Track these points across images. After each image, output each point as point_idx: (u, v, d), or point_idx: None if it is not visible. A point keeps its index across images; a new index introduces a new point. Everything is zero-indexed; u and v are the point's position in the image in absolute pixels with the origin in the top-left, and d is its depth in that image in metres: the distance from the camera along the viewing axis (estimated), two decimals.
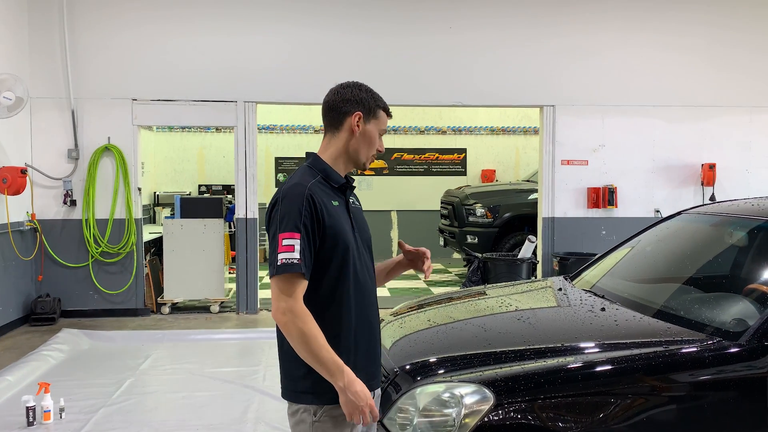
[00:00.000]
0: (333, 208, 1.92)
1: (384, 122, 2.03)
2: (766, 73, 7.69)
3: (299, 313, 1.80)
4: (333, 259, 1.89)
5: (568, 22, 7.48)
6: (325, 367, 1.81)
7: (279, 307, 1.82)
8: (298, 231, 1.82)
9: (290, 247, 1.81)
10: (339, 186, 1.98)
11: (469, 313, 3.21)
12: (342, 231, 1.91)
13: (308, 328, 1.80)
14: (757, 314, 2.52)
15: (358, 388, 1.83)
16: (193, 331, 6.44)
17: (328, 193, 1.94)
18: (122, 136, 7.02)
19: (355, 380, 1.83)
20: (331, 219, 1.89)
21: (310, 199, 1.85)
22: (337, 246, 1.90)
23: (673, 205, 7.46)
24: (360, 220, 2.06)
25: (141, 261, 7.12)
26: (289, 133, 11.77)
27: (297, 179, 1.92)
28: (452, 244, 9.49)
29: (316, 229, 1.86)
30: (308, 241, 1.84)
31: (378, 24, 7.29)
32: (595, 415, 2.21)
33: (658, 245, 3.60)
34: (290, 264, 1.80)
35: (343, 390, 1.82)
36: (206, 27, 7.11)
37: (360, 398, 1.83)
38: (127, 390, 4.72)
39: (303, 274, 1.81)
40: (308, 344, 1.80)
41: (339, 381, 1.82)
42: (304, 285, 1.84)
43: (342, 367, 1.82)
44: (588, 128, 7.56)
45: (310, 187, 1.88)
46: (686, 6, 7.61)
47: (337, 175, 1.99)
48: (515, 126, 12.02)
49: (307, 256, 1.83)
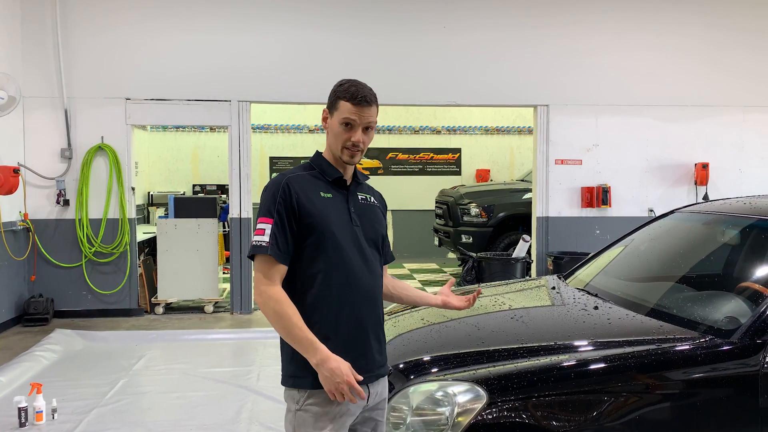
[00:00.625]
0: (318, 199, 1.96)
1: (345, 111, 1.96)
2: (758, 74, 7.73)
3: (272, 295, 1.88)
4: (308, 247, 1.94)
5: (562, 23, 7.50)
6: (299, 345, 1.86)
7: (255, 289, 1.94)
8: (271, 216, 1.92)
9: (261, 231, 1.92)
10: (333, 180, 2.02)
11: (463, 312, 3.20)
12: (323, 222, 1.94)
13: (281, 308, 1.87)
14: (749, 312, 2.53)
15: (333, 365, 1.82)
16: (186, 331, 6.42)
17: (318, 185, 2.00)
18: (116, 135, 6.99)
19: (330, 357, 1.83)
20: (311, 208, 1.93)
21: (285, 188, 1.93)
22: (313, 235, 1.93)
23: (666, 205, 7.47)
24: (366, 216, 2.07)
25: (135, 261, 7.09)
26: (283, 132, 11.75)
27: (287, 170, 2.04)
28: (447, 243, 9.49)
29: (291, 216, 1.92)
30: (282, 227, 1.91)
31: (372, 24, 7.29)
32: (588, 414, 2.21)
33: (651, 244, 3.62)
34: (258, 246, 1.91)
35: (318, 367, 1.84)
36: (200, 26, 7.09)
37: (336, 375, 1.82)
38: (120, 390, 4.70)
39: (272, 256, 1.89)
40: (281, 323, 1.87)
41: (313, 358, 1.84)
42: (279, 268, 1.91)
43: (315, 344, 1.84)
44: (582, 128, 7.57)
45: (289, 178, 1.97)
46: (680, 6, 7.63)
47: (332, 170, 2.03)
48: (509, 126, 12.03)
49: (280, 241, 1.90)
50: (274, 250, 1.90)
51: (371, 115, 1.99)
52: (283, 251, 1.91)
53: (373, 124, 2.02)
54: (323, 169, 2.04)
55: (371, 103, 1.99)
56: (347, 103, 1.96)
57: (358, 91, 1.97)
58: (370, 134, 2.03)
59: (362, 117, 1.97)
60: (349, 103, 1.96)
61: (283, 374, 2.00)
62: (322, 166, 2.05)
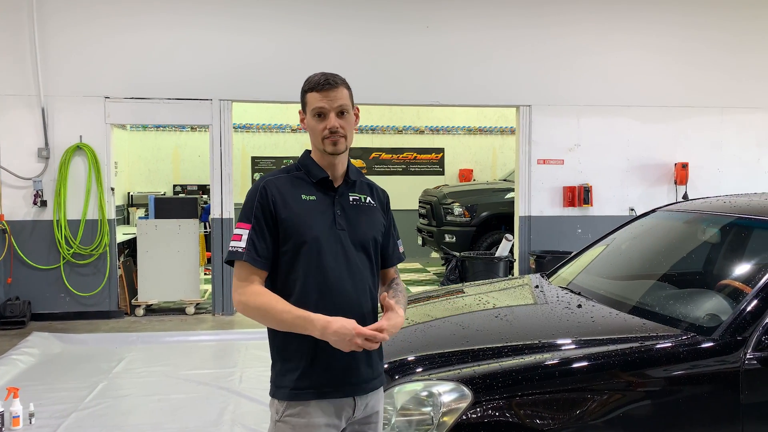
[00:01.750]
0: (298, 202, 1.91)
1: (314, 101, 1.90)
2: (736, 74, 7.84)
3: (250, 294, 1.84)
4: (287, 252, 1.89)
5: (544, 23, 7.54)
6: (295, 327, 1.80)
7: (233, 295, 1.90)
8: (249, 222, 1.88)
9: (238, 237, 1.88)
10: (318, 181, 1.95)
11: (447, 312, 3.21)
12: (302, 225, 1.88)
13: (261, 301, 1.83)
14: (729, 309, 2.55)
15: (335, 326, 1.76)
16: (167, 333, 6.34)
17: (301, 188, 1.94)
18: (95, 134, 6.88)
19: (329, 321, 1.77)
20: (289, 212, 1.88)
21: (263, 191, 1.89)
22: (291, 240, 1.88)
23: (647, 204, 7.55)
24: (356, 219, 1.97)
25: (114, 262, 6.99)
26: (265, 132, 11.67)
27: (269, 173, 2.00)
28: (430, 243, 9.50)
29: (269, 220, 1.88)
30: (259, 232, 1.87)
31: (355, 23, 7.26)
32: (572, 412, 2.21)
33: (633, 242, 3.64)
34: (234, 252, 1.87)
35: (323, 336, 1.77)
36: (181, 24, 7.01)
37: (343, 334, 1.75)
38: (99, 394, 4.62)
39: (248, 262, 1.85)
40: (268, 315, 1.83)
41: (315, 331, 1.78)
42: (257, 273, 1.87)
43: (309, 317, 1.78)
44: (564, 128, 7.62)
45: (267, 181, 1.93)
46: (660, 7, 7.71)
47: (318, 170, 1.96)
48: (492, 126, 12.08)
49: (258, 246, 1.86)
50: (250, 256, 1.85)
51: (340, 97, 1.90)
52: (262, 256, 1.87)
53: (347, 107, 1.92)
54: (309, 169, 1.97)
55: (337, 85, 1.90)
56: (313, 93, 1.91)
57: (321, 77, 1.91)
58: (348, 118, 1.93)
59: (331, 101, 1.89)
60: (314, 92, 1.90)
61: (270, 380, 1.96)
62: (308, 166, 1.98)
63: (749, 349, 2.34)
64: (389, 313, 1.87)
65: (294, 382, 1.87)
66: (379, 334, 1.78)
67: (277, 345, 1.93)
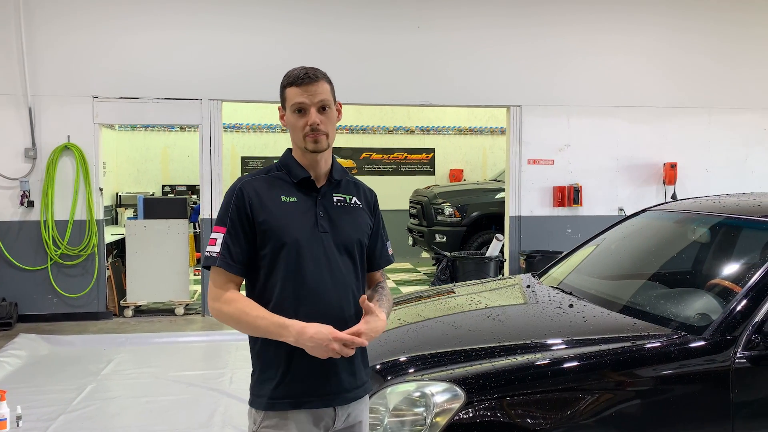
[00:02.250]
0: (277, 204, 1.83)
1: (293, 96, 1.82)
2: (723, 76, 7.90)
3: (224, 300, 1.80)
4: (265, 257, 1.82)
5: (535, 24, 7.56)
6: (270, 333, 1.74)
7: (208, 302, 1.85)
8: (224, 225, 1.83)
9: (213, 241, 1.83)
10: (300, 181, 1.88)
11: (439, 312, 3.20)
12: (280, 229, 1.80)
13: (234, 308, 1.78)
14: (719, 309, 2.57)
15: (310, 332, 1.69)
16: (157, 334, 6.30)
17: (280, 188, 1.87)
18: (83, 134, 6.82)
19: (304, 327, 1.70)
20: (267, 215, 1.81)
21: (239, 193, 1.83)
22: (270, 244, 1.80)
23: (636, 204, 7.60)
24: (340, 221, 1.89)
25: (103, 263, 6.93)
26: (255, 132, 11.62)
27: (247, 173, 1.94)
28: (421, 243, 9.50)
29: (246, 223, 1.81)
30: (235, 236, 1.81)
31: (346, 23, 7.25)
32: (565, 411, 2.21)
33: (623, 242, 3.66)
34: (209, 257, 1.83)
35: (298, 343, 1.71)
36: (170, 23, 6.96)
37: (319, 339, 1.69)
38: (88, 396, 4.58)
39: (222, 268, 1.79)
40: (243, 322, 1.77)
41: (289, 337, 1.72)
42: (231, 279, 1.82)
43: (284, 323, 1.72)
44: (554, 128, 7.65)
45: (244, 182, 1.86)
46: (649, 9, 7.76)
47: (299, 170, 1.88)
48: (482, 126, 12.11)
49: (234, 251, 1.80)
50: (224, 261, 1.79)
51: (321, 92, 1.82)
52: (237, 261, 1.80)
53: (328, 102, 1.84)
54: (290, 169, 1.90)
55: (317, 79, 1.82)
56: (293, 88, 1.83)
57: (300, 71, 1.83)
58: (330, 114, 1.85)
59: (311, 96, 1.81)
60: (294, 86, 1.82)
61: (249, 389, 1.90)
62: (289, 165, 1.91)
63: (739, 348, 2.36)
64: (368, 317, 1.79)
65: (271, 392, 1.80)
66: (356, 338, 1.71)
67: (257, 352, 1.86)
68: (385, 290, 2.02)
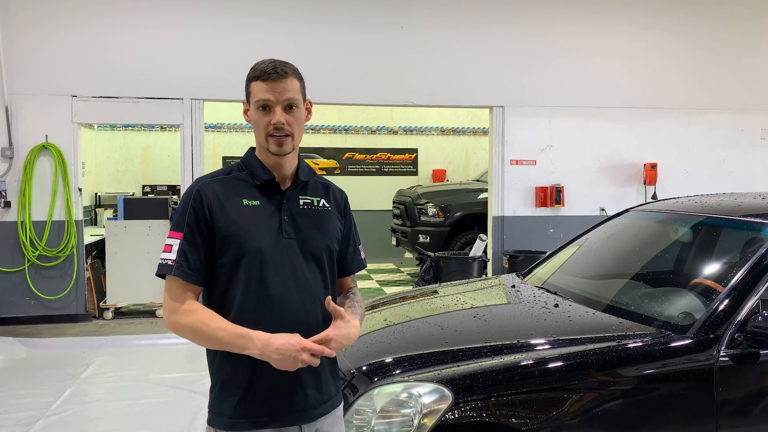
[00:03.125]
0: (238, 208, 1.71)
1: (258, 92, 1.69)
2: (703, 77, 8.02)
3: (182, 312, 1.66)
4: (225, 265, 1.69)
5: (517, 23, 7.60)
6: (233, 346, 1.61)
7: (164, 314, 1.71)
8: (180, 230, 1.69)
9: (168, 247, 1.70)
10: (263, 183, 1.75)
11: (425, 312, 3.20)
12: (241, 235, 1.68)
13: (193, 319, 1.64)
14: (703, 308, 2.59)
15: (277, 342, 1.57)
16: (137, 336, 6.21)
17: (242, 191, 1.74)
18: (61, 134, 6.70)
19: (270, 338, 1.58)
20: (227, 220, 1.68)
21: (197, 196, 1.70)
22: (230, 251, 1.68)
23: (617, 204, 7.68)
24: (307, 225, 1.77)
25: (82, 264, 6.82)
26: (237, 131, 11.54)
27: (206, 174, 1.81)
28: (404, 243, 9.50)
29: (204, 228, 1.68)
30: (192, 242, 1.67)
31: (329, 23, 7.22)
32: (553, 411, 2.22)
33: (607, 242, 3.68)
34: (163, 265, 1.69)
35: (263, 356, 1.59)
36: (151, 22, 6.87)
37: (286, 350, 1.57)
38: (67, 400, 4.50)
39: (178, 276, 1.66)
40: (202, 334, 1.63)
41: (253, 349, 1.59)
42: (189, 288, 1.68)
43: (248, 334, 1.59)
44: (536, 129, 7.70)
45: (203, 183, 1.73)
46: (630, 10, 7.83)
47: (262, 170, 1.76)
48: (465, 126, 12.15)
49: (191, 258, 1.67)
50: (181, 270, 1.66)
51: (289, 90, 1.69)
52: (194, 269, 1.67)
53: (296, 101, 1.71)
54: (252, 170, 1.76)
55: (285, 75, 1.69)
56: (258, 82, 1.69)
57: (268, 65, 1.69)
58: (297, 114, 1.72)
59: (278, 93, 1.68)
60: (260, 81, 1.68)
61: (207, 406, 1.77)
62: (251, 166, 1.77)
63: (723, 346, 2.38)
64: (338, 322, 1.67)
65: (232, 410, 1.68)
66: (325, 348, 1.60)
67: (216, 366, 1.73)
68: (357, 296, 1.91)
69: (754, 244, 2.74)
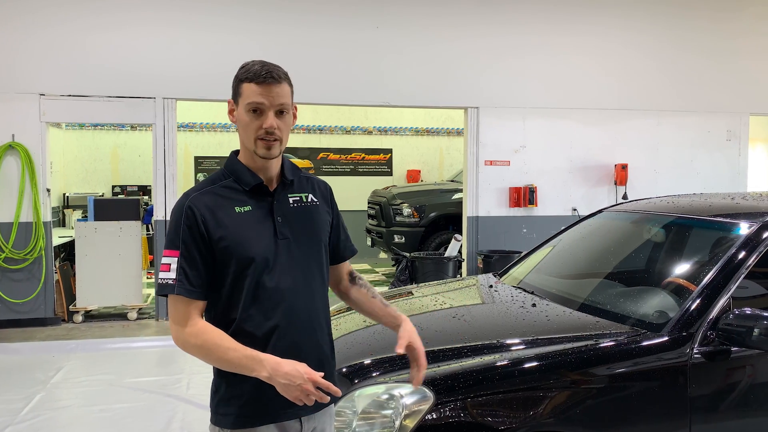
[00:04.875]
0: (232, 217, 1.71)
1: (250, 94, 1.68)
2: (672, 78, 8.19)
3: (190, 333, 1.67)
4: (228, 275, 1.70)
5: (490, 22, 7.63)
6: (243, 368, 1.63)
7: (172, 334, 1.71)
8: (177, 248, 1.68)
9: (167, 266, 1.68)
10: (252, 188, 1.75)
11: (404, 313, 3.19)
12: (240, 244, 1.69)
13: (203, 340, 1.65)
14: (676, 306, 2.65)
15: (286, 368, 1.60)
16: (109, 339, 6.10)
17: (232, 199, 1.74)
18: (28, 133, 6.53)
19: (280, 363, 1.61)
20: (223, 231, 1.68)
21: (189, 212, 1.69)
22: (231, 261, 1.69)
23: (589, 204, 7.80)
24: (300, 223, 1.79)
25: (50, 267, 6.66)
26: (209, 131, 11.41)
27: (192, 187, 1.79)
28: (380, 243, 9.51)
29: (201, 243, 1.68)
30: (190, 258, 1.67)
31: (304, 21, 7.17)
32: (534, 409, 2.24)
33: (581, 242, 3.74)
34: (165, 285, 1.68)
35: (271, 379, 1.61)
36: (121, 19, 6.73)
37: (294, 377, 1.59)
38: (36, 406, 4.39)
39: (182, 295, 1.66)
40: (212, 355, 1.65)
41: (263, 372, 1.61)
42: (193, 306, 1.68)
43: (258, 357, 1.62)
44: (510, 130, 7.77)
45: (192, 198, 1.72)
46: (600, 10, 7.95)
47: (249, 175, 1.75)
48: (439, 127, 12.22)
49: (191, 275, 1.67)
50: (183, 288, 1.66)
51: (282, 95, 1.69)
52: (196, 286, 1.67)
53: (287, 106, 1.72)
54: (239, 176, 1.76)
55: (280, 80, 1.69)
56: (251, 84, 1.68)
57: (263, 68, 1.68)
58: (287, 119, 1.73)
59: (271, 98, 1.68)
60: (254, 83, 1.67)
61: (210, 406, 1.81)
62: (237, 172, 1.76)
63: (696, 344, 2.44)
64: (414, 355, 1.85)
65: (239, 408, 1.72)
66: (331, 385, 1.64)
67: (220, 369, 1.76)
68: (365, 281, 2.03)
69: (725, 244, 2.80)
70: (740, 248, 2.67)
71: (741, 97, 8.36)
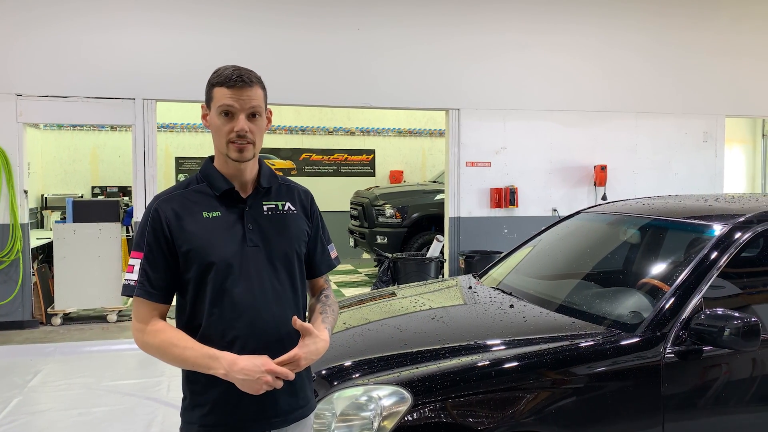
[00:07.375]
0: (198, 222, 1.70)
1: (221, 97, 1.68)
2: (649, 81, 8.30)
3: (149, 332, 1.68)
4: (191, 280, 1.70)
5: (472, 22, 7.68)
6: (200, 366, 1.63)
7: (133, 334, 1.73)
8: (141, 250, 1.70)
9: (131, 268, 1.71)
10: (223, 193, 1.74)
11: (383, 314, 3.22)
12: (204, 248, 1.68)
13: (161, 340, 1.66)
14: (650, 307, 2.70)
15: (242, 364, 1.59)
16: (88, 342, 6.04)
17: (202, 203, 1.73)
18: (5, 134, 6.45)
19: (236, 359, 1.60)
20: (187, 235, 1.68)
21: (155, 215, 1.70)
22: (194, 266, 1.68)
23: (569, 204, 7.89)
24: (272, 231, 1.76)
25: (28, 269, 6.58)
26: (190, 132, 11.34)
27: (164, 191, 1.80)
28: (362, 244, 9.52)
29: (164, 246, 1.69)
30: (153, 261, 1.69)
31: (285, 22, 7.16)
32: (510, 410, 2.27)
33: (559, 243, 3.79)
34: (127, 286, 1.71)
35: (228, 376, 1.60)
36: (101, 19, 6.67)
37: (251, 371, 1.58)
38: (13, 410, 4.34)
39: (141, 297, 1.68)
40: (170, 354, 1.65)
41: (219, 369, 1.60)
42: (152, 307, 1.69)
43: (215, 354, 1.61)
44: (491, 131, 7.83)
45: (160, 201, 1.73)
46: (579, 10, 8.02)
47: (221, 180, 1.75)
48: (422, 128, 12.26)
49: (153, 277, 1.68)
50: (143, 290, 1.67)
51: (254, 98, 1.69)
52: (157, 288, 1.68)
53: (260, 109, 1.71)
54: (211, 181, 1.75)
55: (251, 83, 1.69)
56: (222, 88, 1.68)
57: (234, 72, 1.68)
58: (260, 123, 1.72)
59: (242, 101, 1.67)
60: (225, 87, 1.68)
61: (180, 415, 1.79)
62: (210, 177, 1.76)
63: (668, 344, 2.49)
64: (305, 339, 1.67)
65: (202, 418, 1.70)
66: (290, 372, 1.61)
67: (186, 374, 1.74)
68: (330, 299, 1.92)
69: (697, 245, 2.86)
70: (712, 249, 2.73)
71: (717, 98, 8.50)
